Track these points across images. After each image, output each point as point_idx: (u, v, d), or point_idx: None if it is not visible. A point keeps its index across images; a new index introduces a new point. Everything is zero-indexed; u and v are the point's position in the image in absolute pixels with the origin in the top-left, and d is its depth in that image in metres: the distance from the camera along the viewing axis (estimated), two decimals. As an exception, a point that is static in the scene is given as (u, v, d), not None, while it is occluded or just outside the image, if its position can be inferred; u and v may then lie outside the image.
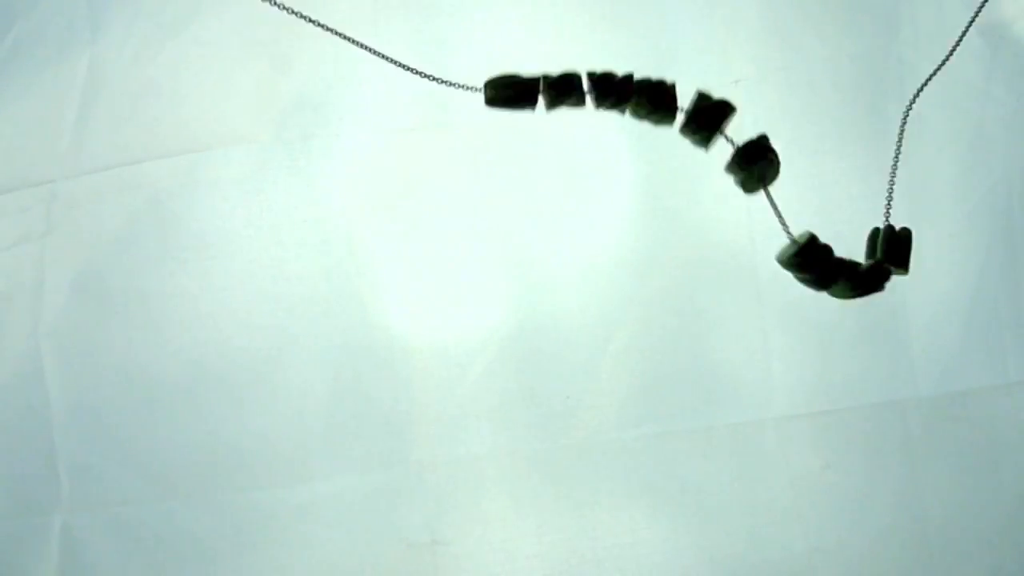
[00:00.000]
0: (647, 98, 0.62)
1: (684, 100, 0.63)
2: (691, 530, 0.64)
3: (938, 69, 0.53)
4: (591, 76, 0.62)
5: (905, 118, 0.56)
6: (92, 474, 0.63)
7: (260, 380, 0.63)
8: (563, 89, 0.62)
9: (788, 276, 0.63)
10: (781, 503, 0.63)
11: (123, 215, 0.64)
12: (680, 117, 0.62)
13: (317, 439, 0.63)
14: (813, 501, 0.63)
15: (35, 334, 0.63)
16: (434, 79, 0.58)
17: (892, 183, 0.57)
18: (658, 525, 0.64)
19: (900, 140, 0.56)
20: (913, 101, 0.55)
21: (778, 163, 0.61)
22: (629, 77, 0.62)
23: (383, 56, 0.55)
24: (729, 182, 0.64)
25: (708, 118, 0.62)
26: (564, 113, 0.64)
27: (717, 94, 0.64)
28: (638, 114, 0.63)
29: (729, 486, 0.64)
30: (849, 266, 0.61)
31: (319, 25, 0.55)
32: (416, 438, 0.64)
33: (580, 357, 0.63)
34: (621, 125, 0.65)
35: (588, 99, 0.62)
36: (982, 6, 0.57)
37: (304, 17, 0.54)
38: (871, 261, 0.61)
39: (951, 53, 0.56)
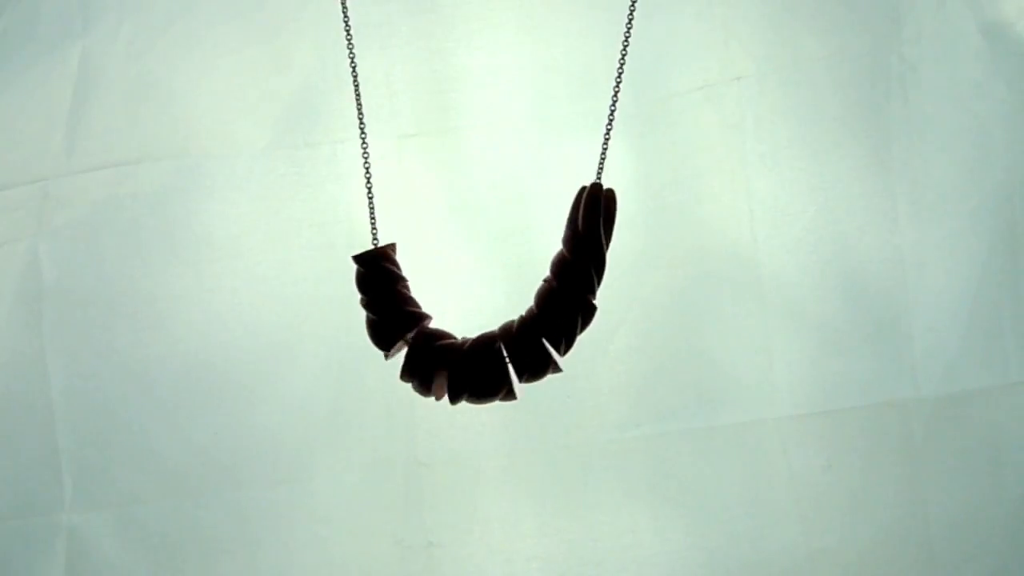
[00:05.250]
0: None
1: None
2: (691, 530, 0.64)
3: None
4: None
5: None
6: (98, 474, 0.63)
7: (264, 380, 0.63)
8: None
9: (790, 275, 0.63)
10: (782, 503, 0.63)
11: (119, 215, 0.63)
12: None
13: (320, 439, 0.63)
14: (814, 501, 0.63)
15: (39, 334, 0.63)
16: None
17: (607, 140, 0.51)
18: (658, 525, 0.64)
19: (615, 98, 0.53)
20: None
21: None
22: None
23: None
24: (731, 180, 0.63)
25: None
26: (564, 114, 0.64)
27: (717, 92, 0.64)
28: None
29: (730, 486, 0.63)
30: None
31: None
32: (416, 438, 0.63)
33: (580, 357, 0.63)
34: (621, 125, 0.64)
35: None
36: None
37: None
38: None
39: None
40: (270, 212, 0.63)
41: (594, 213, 0.47)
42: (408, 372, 0.51)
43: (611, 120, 0.54)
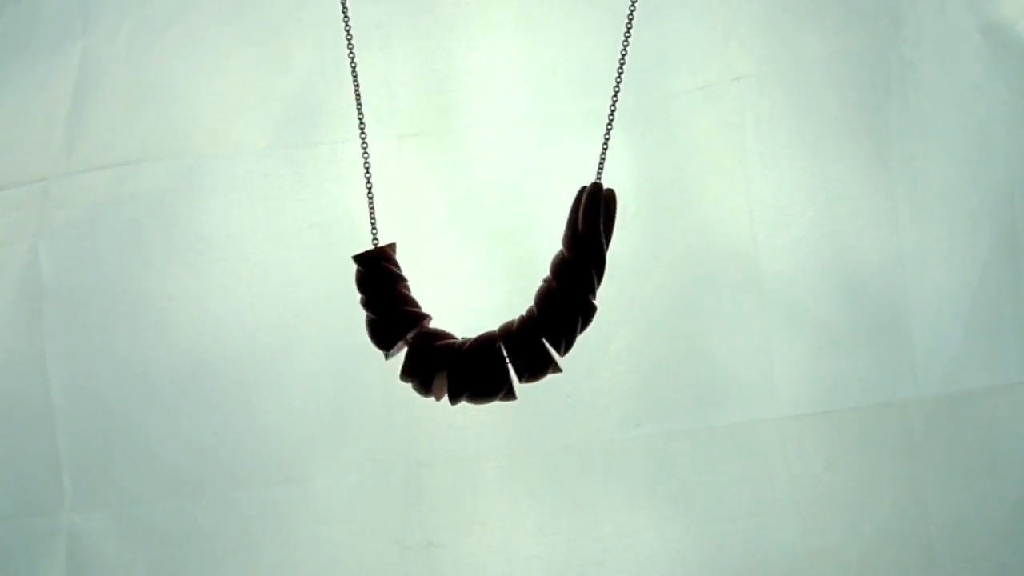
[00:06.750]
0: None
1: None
2: (691, 530, 0.64)
3: None
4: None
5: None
6: (98, 474, 0.63)
7: (264, 380, 0.63)
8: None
9: (790, 275, 0.63)
10: (782, 503, 0.63)
11: (119, 215, 0.63)
12: None
13: (320, 438, 0.63)
14: (814, 501, 0.63)
15: (39, 334, 0.63)
16: None
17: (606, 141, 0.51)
18: (658, 525, 0.64)
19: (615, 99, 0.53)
20: None
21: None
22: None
23: None
24: (731, 180, 0.63)
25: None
26: (564, 114, 0.64)
27: (717, 91, 0.64)
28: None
29: (730, 486, 0.63)
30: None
31: None
32: (416, 438, 0.63)
33: (581, 357, 0.63)
34: (621, 125, 0.64)
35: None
36: None
37: None
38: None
39: None
40: (270, 212, 0.63)
41: (594, 213, 0.47)
42: (408, 372, 0.51)
43: (611, 120, 0.53)
